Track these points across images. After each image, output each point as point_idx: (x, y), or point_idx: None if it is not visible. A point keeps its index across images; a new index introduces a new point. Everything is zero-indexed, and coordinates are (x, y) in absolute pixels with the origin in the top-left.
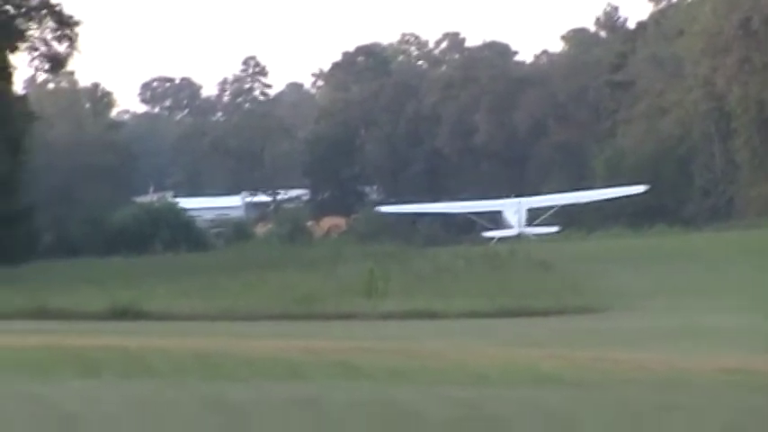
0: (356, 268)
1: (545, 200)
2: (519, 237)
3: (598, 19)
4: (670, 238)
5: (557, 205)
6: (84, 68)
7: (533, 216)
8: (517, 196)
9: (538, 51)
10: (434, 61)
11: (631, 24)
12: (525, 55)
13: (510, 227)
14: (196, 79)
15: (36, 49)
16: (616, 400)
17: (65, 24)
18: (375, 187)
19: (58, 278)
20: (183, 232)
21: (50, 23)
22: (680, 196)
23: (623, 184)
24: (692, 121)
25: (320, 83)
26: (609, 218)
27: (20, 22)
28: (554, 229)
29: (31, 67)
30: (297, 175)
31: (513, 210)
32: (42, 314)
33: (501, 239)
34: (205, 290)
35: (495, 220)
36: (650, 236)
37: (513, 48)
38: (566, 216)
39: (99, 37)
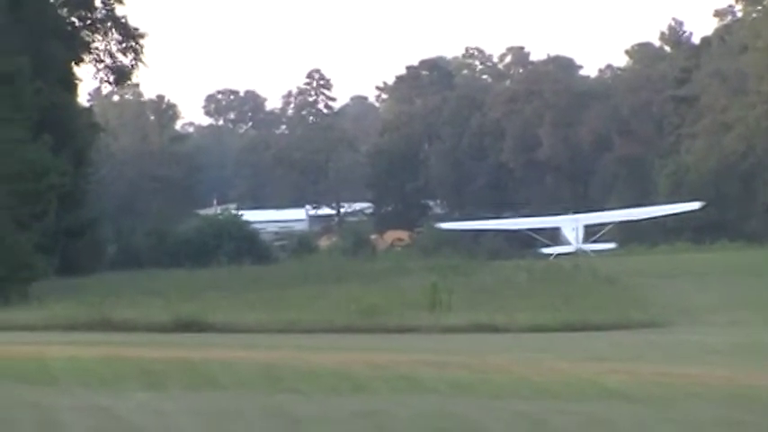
0: (419, 281)
1: (602, 216)
2: (576, 253)
3: (663, 33)
4: (733, 254)
5: (613, 222)
6: (149, 81)
7: (592, 232)
8: (575, 213)
9: (602, 65)
10: (498, 75)
11: (696, 39)
12: (589, 69)
13: (568, 243)
14: (260, 92)
15: (101, 62)
16: (679, 416)
17: (130, 37)
18: (438, 201)
19: (123, 290)
20: (247, 245)
21: (116, 36)
22: (743, 212)
23: (686, 200)
24: (755, 137)
25: (384, 96)
26: (671, 233)
27: (85, 34)
28: (611, 245)
29: (96, 79)
30: (360, 189)
31: (571, 226)
32: (107, 326)
33: (559, 255)
34: (269, 302)
35: (554, 236)
36: (713, 251)
37: (578, 62)
38: (629, 231)
39: (164, 49)
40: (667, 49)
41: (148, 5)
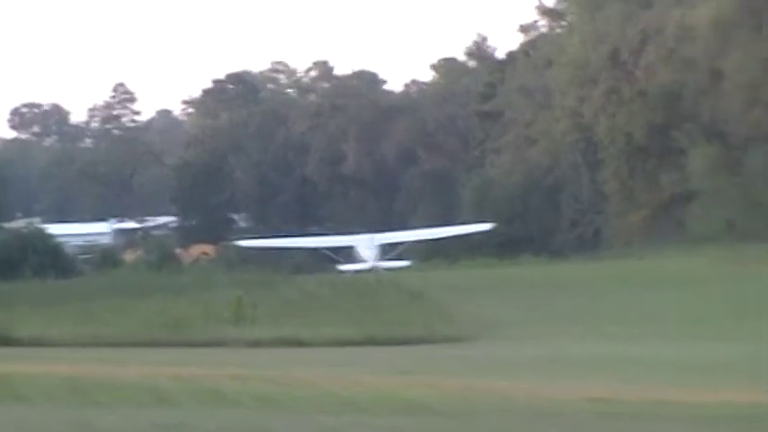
0: (224, 295)
1: (396, 236)
2: (372, 270)
3: (468, 49)
4: (537, 268)
5: (407, 241)
6: None
7: (388, 250)
8: (371, 232)
9: (407, 80)
10: (304, 89)
11: (501, 54)
12: (394, 84)
13: (363, 261)
14: (65, 105)
15: None
16: (483, 429)
17: None
18: (244, 215)
19: None
20: (52, 258)
21: None
22: (547, 226)
23: (490, 214)
24: (559, 151)
25: (190, 110)
26: (475, 248)
27: None
28: (406, 263)
29: None
30: (166, 203)
31: (366, 245)
32: None
33: (355, 273)
34: (74, 316)
35: (350, 254)
36: (517, 265)
37: (382, 76)
38: (432, 246)
39: None
40: (472, 64)
41: None
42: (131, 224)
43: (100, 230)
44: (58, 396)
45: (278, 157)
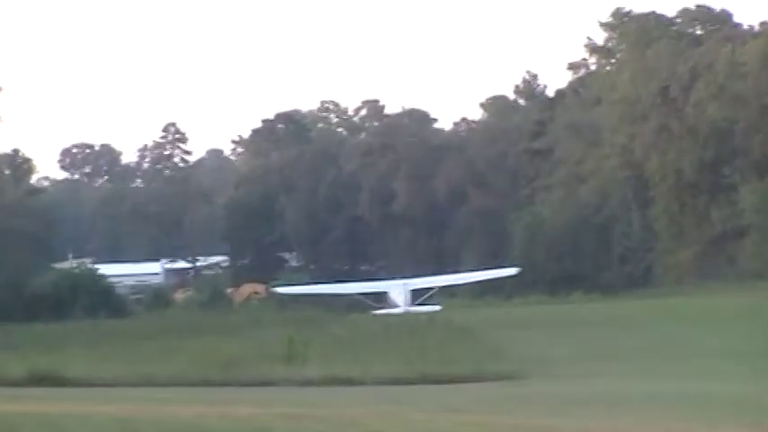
0: (276, 334)
1: (427, 281)
2: (405, 315)
3: (517, 87)
4: (588, 305)
5: (438, 286)
6: (4, 135)
7: (420, 294)
8: (404, 277)
9: (457, 119)
10: (354, 128)
11: (550, 92)
12: (444, 122)
13: (396, 306)
14: (116, 146)
15: None
16: None
17: None
18: (294, 253)
19: None
20: (103, 298)
21: None
22: (598, 264)
23: (540, 252)
24: (610, 188)
25: (240, 149)
26: (527, 285)
27: None
28: (437, 307)
29: None
30: (216, 242)
31: (399, 290)
32: None
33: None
34: (125, 356)
35: (384, 299)
36: (568, 303)
37: (433, 115)
38: (484, 283)
39: (19, 103)
40: (521, 101)
41: (2, 59)
42: (182, 264)
43: (151, 270)
44: None
45: (328, 195)
